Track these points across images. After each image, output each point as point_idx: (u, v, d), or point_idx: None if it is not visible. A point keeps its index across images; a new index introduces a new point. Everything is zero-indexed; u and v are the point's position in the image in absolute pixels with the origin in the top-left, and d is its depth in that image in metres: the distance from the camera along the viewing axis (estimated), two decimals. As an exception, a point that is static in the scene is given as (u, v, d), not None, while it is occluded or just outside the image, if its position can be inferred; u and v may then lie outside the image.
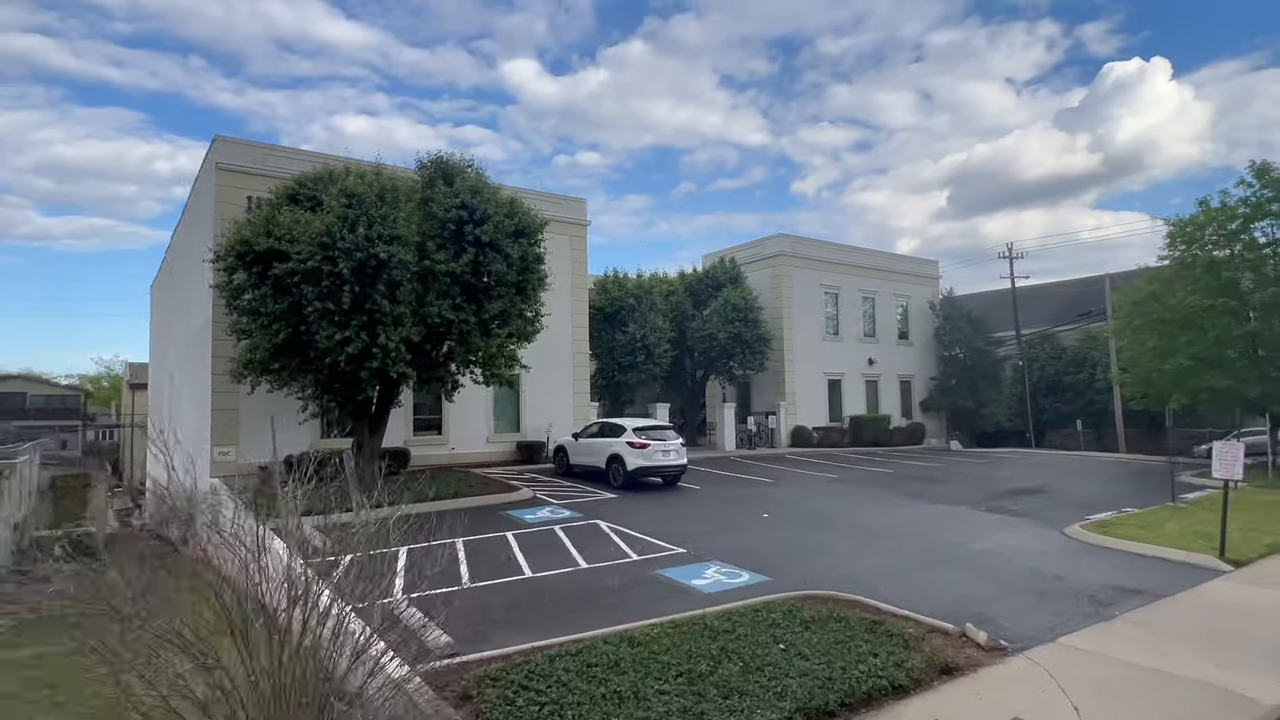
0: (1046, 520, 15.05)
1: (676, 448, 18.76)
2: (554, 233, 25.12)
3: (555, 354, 25.17)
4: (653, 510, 15.99)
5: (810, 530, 13.98)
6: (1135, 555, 12.09)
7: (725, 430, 30.16)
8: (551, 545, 12.47)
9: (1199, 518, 15.03)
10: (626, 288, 28.13)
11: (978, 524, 14.86)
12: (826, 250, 35.72)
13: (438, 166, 17.20)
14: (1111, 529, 13.66)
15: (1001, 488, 20.28)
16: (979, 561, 11.59)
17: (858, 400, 35.67)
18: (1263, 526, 14.15)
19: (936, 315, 39.23)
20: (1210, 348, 22.28)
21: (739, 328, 29.03)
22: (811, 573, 10.69)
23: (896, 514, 15.99)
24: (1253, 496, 17.98)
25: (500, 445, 23.85)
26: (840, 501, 17.67)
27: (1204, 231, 24.09)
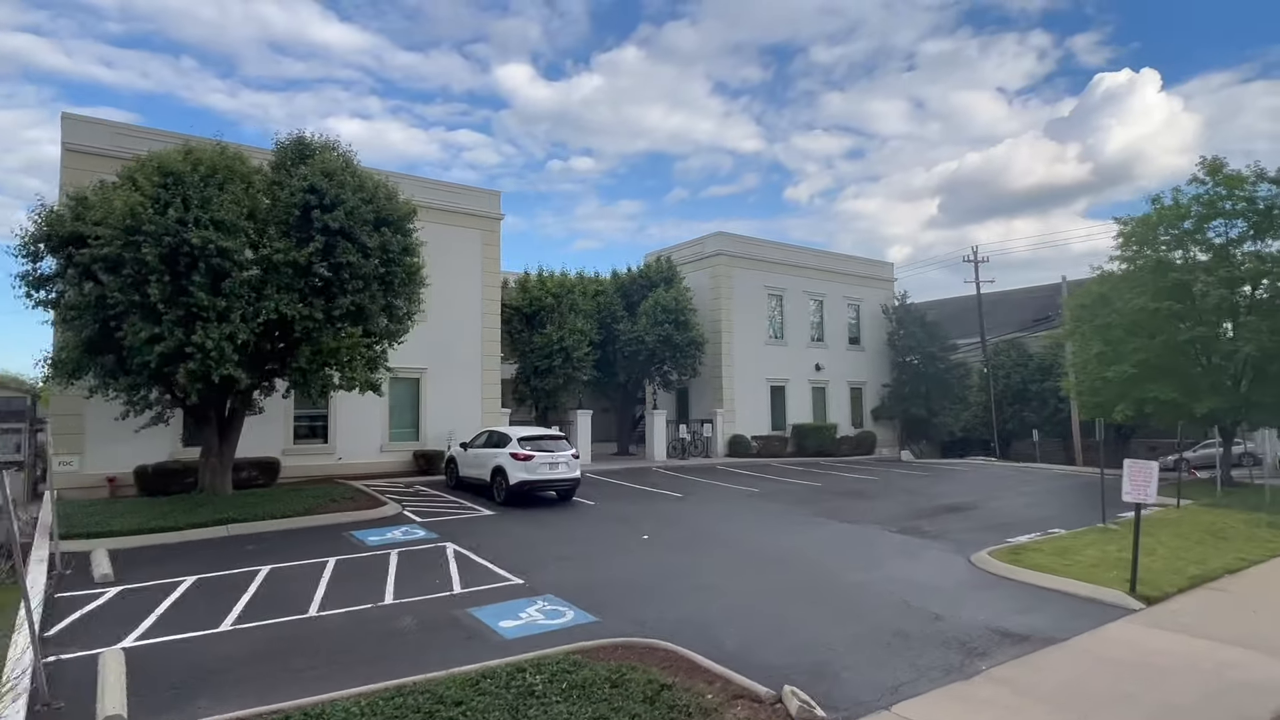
0: (958, 544, 13.67)
1: (567, 460, 17.21)
2: (463, 226, 23.67)
3: (462, 356, 23.59)
4: (523, 531, 14.45)
5: (685, 556, 12.48)
6: (1038, 589, 10.69)
7: (655, 439, 28.64)
8: (370, 575, 10.88)
9: (1128, 542, 13.65)
10: (547, 287, 26.56)
11: (880, 548, 13.44)
12: (770, 250, 34.33)
13: (296, 147, 15.58)
14: (1023, 556, 12.27)
15: (929, 504, 18.93)
16: (856, 596, 10.14)
17: (803, 408, 34.29)
18: (1193, 553, 12.84)
19: (890, 319, 37.97)
20: (1157, 354, 21.07)
21: (669, 330, 27.52)
22: (652, 611, 9.22)
23: (797, 536, 14.55)
24: (1196, 517, 16.72)
25: (396, 455, 22.19)
26: (743, 520, 16.21)
27: (1155, 231, 22.96)
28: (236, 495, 15.93)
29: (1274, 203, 21.40)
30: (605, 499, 18.56)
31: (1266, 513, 17.41)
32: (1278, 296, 21.02)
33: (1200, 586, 10.89)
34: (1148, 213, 23.25)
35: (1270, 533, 15.11)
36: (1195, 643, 8.37)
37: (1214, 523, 15.91)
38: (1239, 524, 15.93)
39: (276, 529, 13.99)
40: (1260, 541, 14.19)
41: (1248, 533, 15.03)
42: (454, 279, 23.61)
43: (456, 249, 23.69)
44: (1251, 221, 21.83)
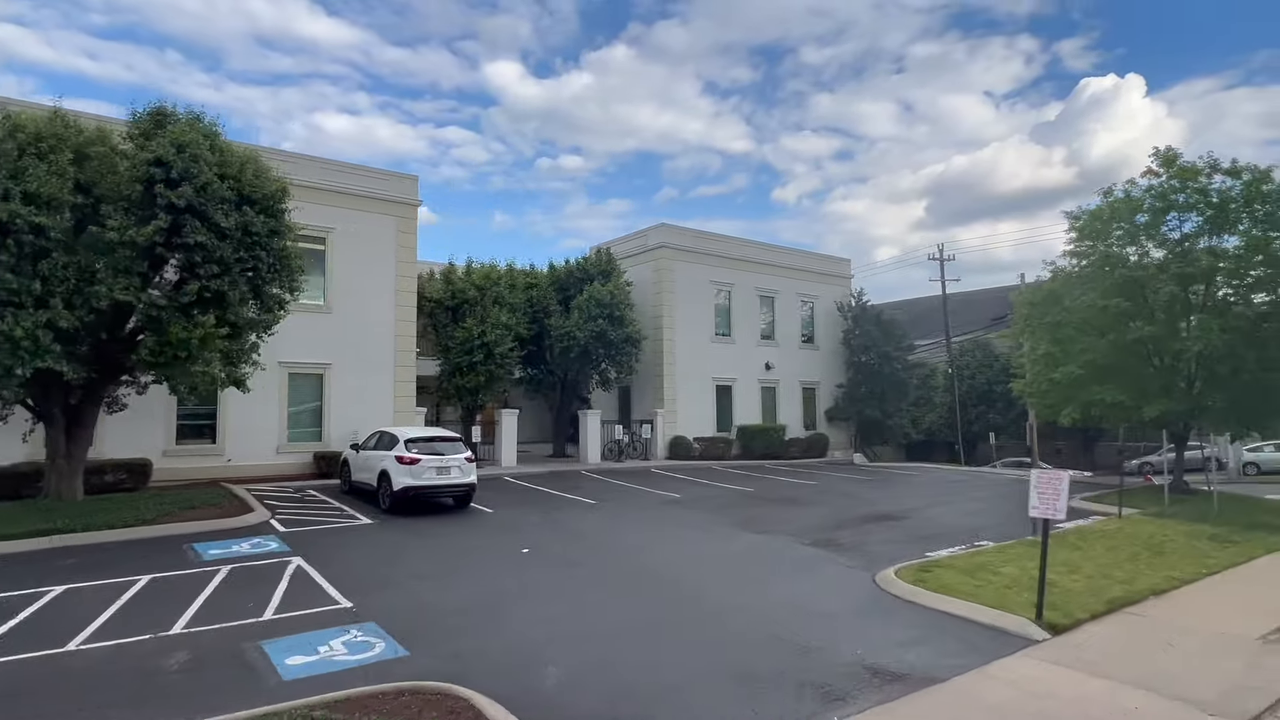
0: (870, 559, 12.58)
1: (460, 464, 15.95)
2: (376, 212, 22.37)
3: (372, 350, 22.25)
4: (394, 543, 13.20)
5: (557, 573, 11.29)
6: (937, 614, 9.60)
7: (588, 441, 27.42)
8: (177, 597, 9.57)
9: (1058, 558, 12.64)
10: (471, 279, 25.26)
11: (781, 565, 12.31)
12: (717, 243, 33.19)
13: (153, 118, 14.19)
14: (931, 575, 11.17)
15: (860, 513, 17.88)
16: (725, 625, 8.99)
17: (752, 409, 33.22)
18: (1122, 570, 11.82)
19: (845, 317, 36.99)
20: (1105, 354, 20.14)
21: (603, 326, 26.28)
22: (479, 642, 8.05)
23: (696, 549, 13.41)
24: (1136, 528, 15.73)
25: (295, 457, 20.79)
26: (647, 531, 15.05)
27: (1109, 226, 22.05)
28: (87, 501, 14.52)
29: (1228, 196, 20.56)
30: (509, 505, 17.33)
31: (1212, 523, 16.50)
32: (1230, 294, 20.17)
33: (1119, 611, 9.84)
34: (1099, 206, 22.39)
35: (1212, 546, 14.16)
36: (1093, 683, 7.28)
37: (1154, 535, 14.94)
38: (1181, 536, 14.98)
39: (111, 540, 12.61)
40: (1198, 557, 13.22)
41: (1188, 546, 14.08)
42: (364, 268, 22.28)
43: (368, 236, 22.34)
44: (1206, 216, 21.00)
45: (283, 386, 20.68)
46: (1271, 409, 18.95)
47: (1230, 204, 20.49)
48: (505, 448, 24.98)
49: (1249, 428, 19.85)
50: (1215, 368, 18.42)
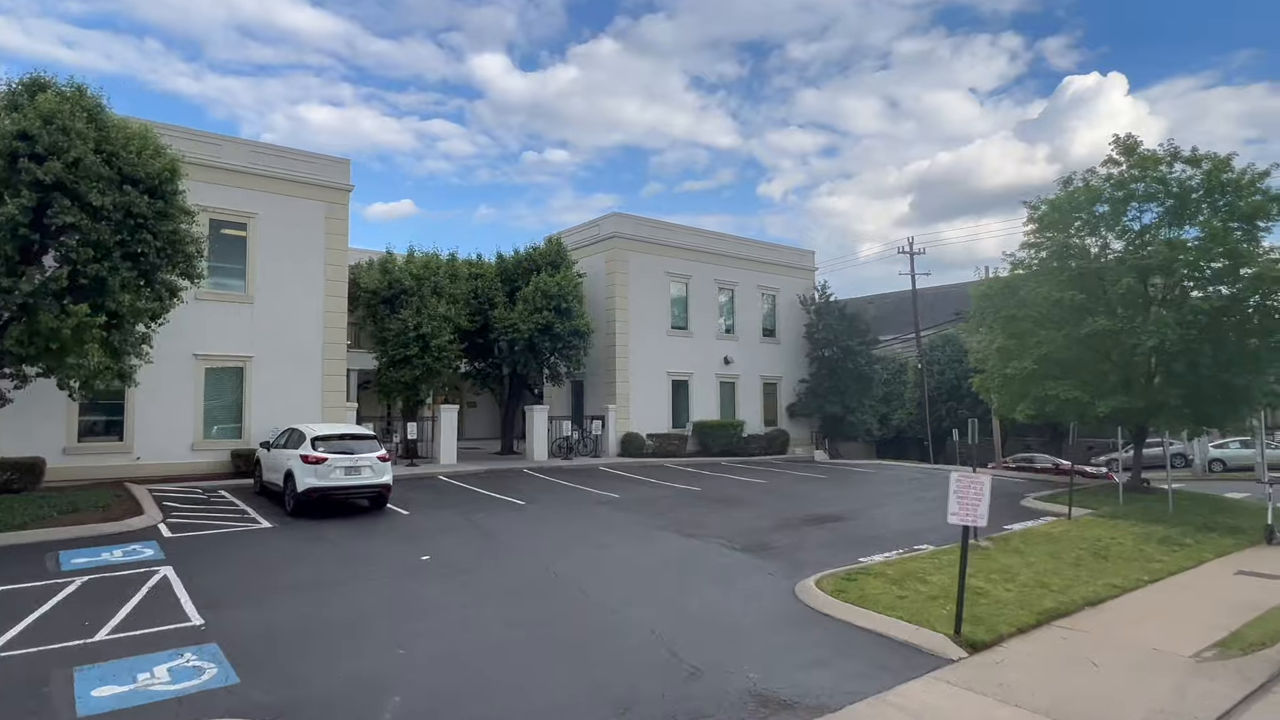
0: (798, 566, 11.88)
1: (372, 463, 15.07)
2: (302, 197, 21.37)
3: (298, 342, 21.26)
4: (284, 551, 12.34)
5: (448, 584, 10.46)
6: (853, 630, 8.89)
7: (535, 438, 26.57)
8: (9, 614, 8.63)
9: (995, 565, 12.06)
10: (408, 268, 24.29)
11: (701, 573, 11.56)
12: (673, 233, 32.39)
13: (29, 89, 13.14)
14: (855, 585, 10.46)
15: (801, 514, 17.20)
16: (625, 640, 8.23)
17: (709, 404, 32.51)
18: (1061, 578, 11.19)
19: (808, 311, 36.34)
20: (1059, 349, 19.58)
21: (549, 318, 25.39)
22: (326, 666, 7.23)
23: (618, 555, 12.65)
24: (1084, 531, 15.15)
25: (212, 455, 19.78)
26: (569, 535, 14.25)
27: (1068, 216, 21.48)
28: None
29: (1189, 186, 20.05)
30: (429, 507, 16.49)
31: (1166, 525, 15.98)
32: (1191, 286, 19.67)
33: (1049, 625, 9.18)
34: (1058, 196, 21.83)
35: (1160, 550, 13.60)
36: (1000, 713, 6.59)
37: (1101, 538, 14.37)
38: (1130, 539, 14.42)
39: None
40: (1144, 561, 12.65)
41: (1135, 550, 13.50)
42: (291, 256, 21.28)
43: (294, 222, 21.33)
44: (1166, 206, 20.50)
45: (198, 380, 19.66)
46: (1228, 406, 18.44)
47: (1191, 194, 20.00)
48: (444, 445, 24.09)
49: (1205, 425, 19.35)
50: (1171, 364, 17.88)
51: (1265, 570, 12.30)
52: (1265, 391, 18.11)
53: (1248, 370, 17.98)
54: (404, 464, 23.12)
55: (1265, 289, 17.99)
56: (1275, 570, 12.30)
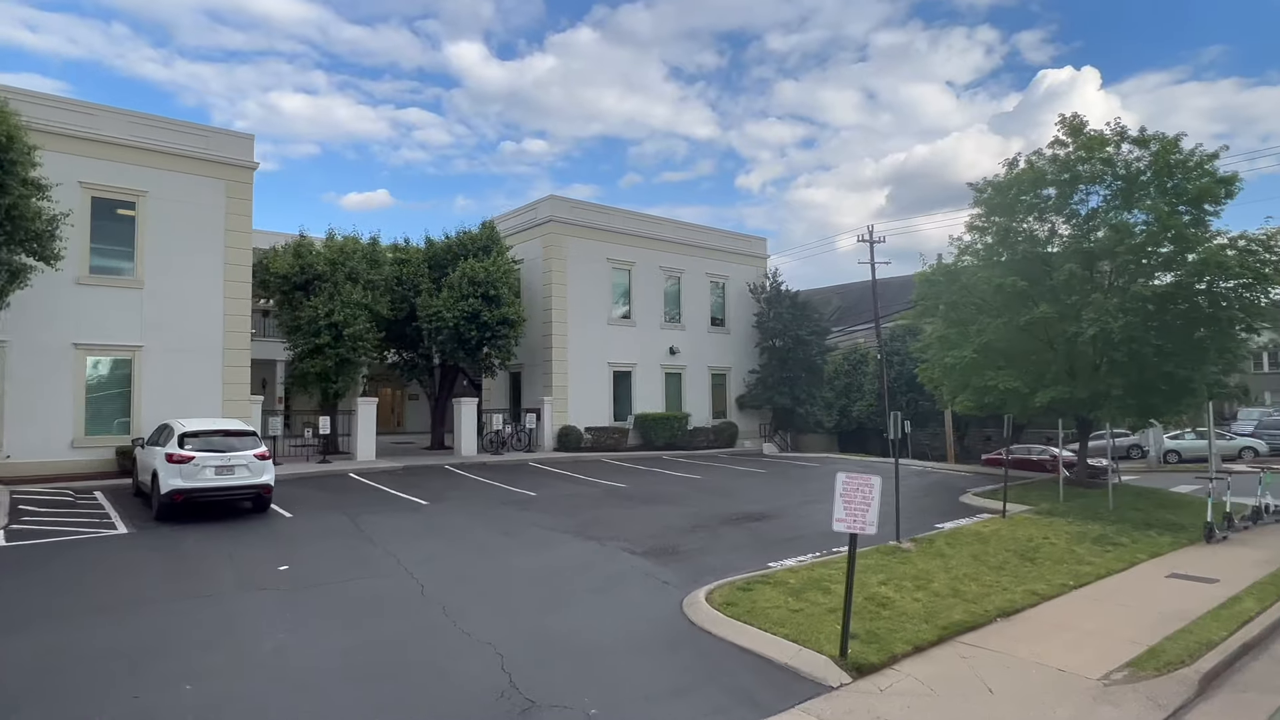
0: (700, 572, 10.96)
1: (248, 462, 13.89)
2: (199, 174, 20.02)
3: (196, 331, 19.95)
4: (122, 562, 11.21)
5: (283, 602, 9.37)
6: (731, 649, 7.96)
7: (462, 432, 25.44)
8: None
9: (912, 569, 11.20)
10: (323, 252, 23.01)
11: (589, 582, 10.58)
12: (615, 218, 31.33)
13: None
14: (749, 595, 9.53)
15: (725, 512, 16.30)
16: (463, 667, 7.22)
17: (654, 396, 31.56)
18: (976, 584, 10.35)
19: (758, 300, 35.49)
20: (999, 337, 18.84)
21: (476, 306, 24.22)
22: (80, 706, 6.11)
23: (500, 562, 11.64)
24: (1016, 530, 14.35)
25: (94, 453, 18.44)
26: (456, 540, 13.19)
27: (1015, 200, 20.71)
28: None
29: (1136, 166, 19.38)
30: (318, 509, 15.35)
31: (1104, 522, 15.27)
32: (1133, 273, 18.99)
33: (952, 641, 8.30)
34: (1003, 178, 21.07)
35: (1092, 551, 12.84)
36: (865, 759, 5.66)
37: (1033, 538, 13.59)
38: (1063, 538, 13.67)
39: None
40: (1073, 564, 11.87)
41: (1065, 551, 12.73)
42: (187, 238, 19.95)
43: (190, 202, 19.98)
44: (1114, 188, 19.83)
45: (79, 372, 18.30)
46: (1171, 397, 17.78)
47: (1140, 176, 19.33)
48: (361, 440, 22.91)
49: (1148, 417, 18.69)
50: (1112, 353, 17.18)
51: (1198, 573, 11.57)
52: (1209, 382, 17.47)
53: (1192, 360, 17.33)
54: (316, 460, 21.92)
55: (1211, 275, 17.33)
56: (1208, 573, 11.58)
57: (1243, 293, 17.82)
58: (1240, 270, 16.89)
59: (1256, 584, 10.87)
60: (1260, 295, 17.72)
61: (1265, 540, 14.47)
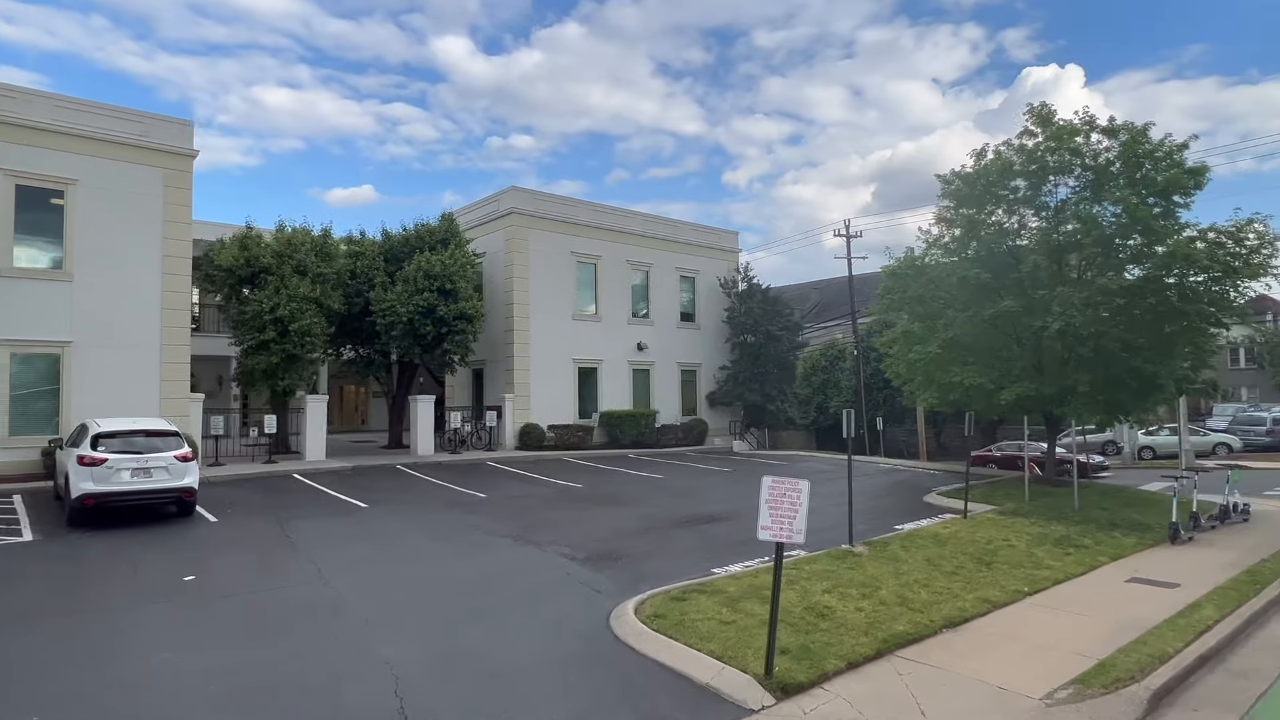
0: (639, 580, 10.42)
1: (168, 464, 13.20)
2: (134, 162, 19.23)
3: (130, 326, 19.19)
4: (13, 570, 10.48)
5: (187, 617, 8.75)
6: (653, 668, 7.43)
7: (418, 430, 24.77)
8: None
9: (861, 575, 10.69)
10: (270, 244, 22.25)
11: (518, 592, 10.01)
12: (580, 210, 30.71)
13: None
14: (681, 606, 9.00)
15: (679, 514, 15.77)
16: (358, 687, 6.64)
17: (621, 393, 30.99)
18: (926, 591, 9.87)
19: (729, 295, 34.98)
20: (966, 332, 18.41)
21: (431, 300, 23.52)
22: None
23: (430, 570, 11.07)
24: (976, 532, 13.89)
25: (18, 454, 17.65)
26: (389, 545, 12.58)
27: (985, 192, 20.27)
28: None
29: (1105, 157, 18.99)
30: (248, 513, 14.69)
31: (1066, 523, 14.86)
32: (1102, 267, 18.61)
33: (891, 655, 7.80)
34: (971, 169, 20.64)
35: (1052, 554, 12.41)
36: (772, 797, 5.12)
37: (993, 540, 13.15)
38: (1024, 541, 13.23)
39: None
40: (1031, 568, 11.42)
41: (1024, 555, 12.28)
42: (121, 229, 19.16)
43: (124, 191, 19.19)
44: (1083, 180, 19.45)
45: (2, 368, 17.50)
46: (1138, 393, 17.40)
47: (1110, 166, 18.95)
48: (310, 439, 22.21)
49: (1115, 414, 18.30)
50: (1078, 348, 16.76)
51: (1160, 577, 11.16)
52: (1178, 378, 17.08)
53: (1160, 356, 16.95)
54: (262, 461, 21.21)
55: (1179, 268, 16.97)
56: (1171, 576, 11.16)
57: (1212, 286, 17.49)
58: (1209, 263, 16.53)
59: (1218, 589, 10.47)
60: (1229, 288, 17.38)
61: (1232, 540, 14.12)
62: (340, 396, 37.40)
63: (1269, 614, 9.69)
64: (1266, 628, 9.21)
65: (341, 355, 26.94)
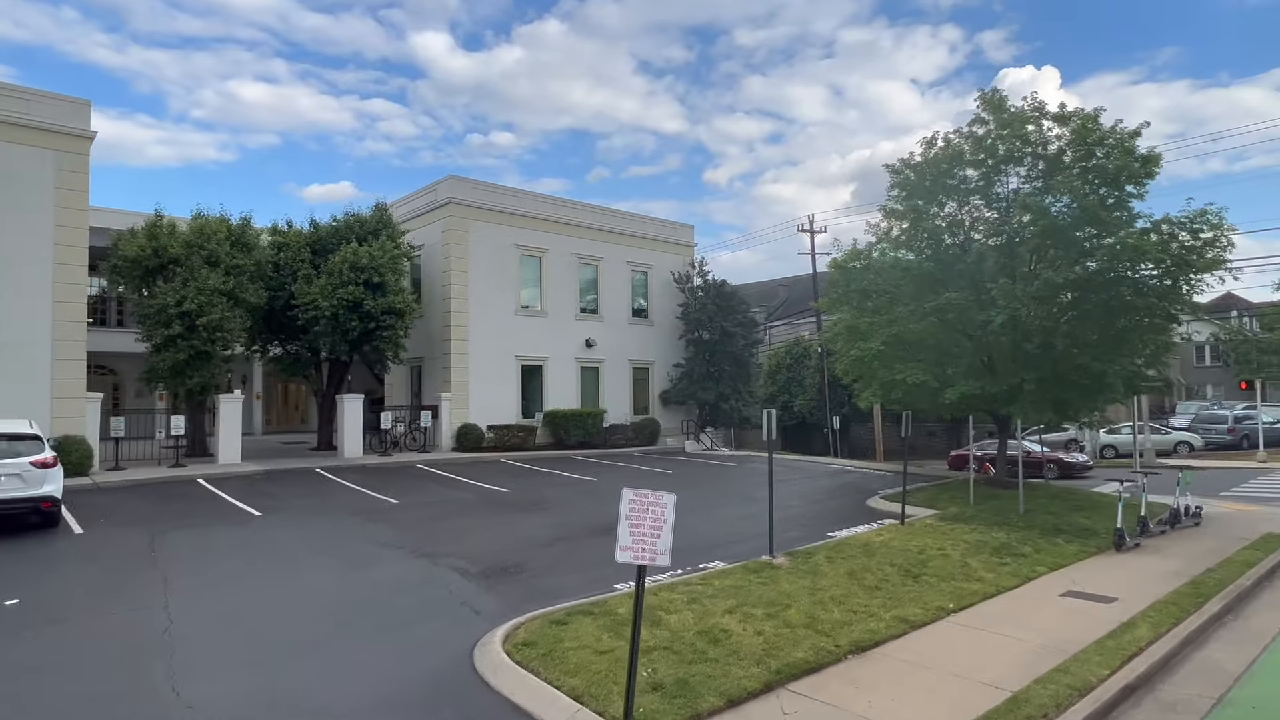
0: (530, 597, 9.50)
1: (21, 470, 12.04)
2: (22, 142, 17.99)
3: (15, 320, 17.88)
4: None
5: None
6: (504, 708, 6.50)
7: (345, 431, 23.62)
8: None
9: (773, 592, 9.81)
10: (180, 234, 20.98)
11: (390, 613, 9.03)
12: (524, 201, 29.64)
13: None
14: (556, 632, 8.06)
15: (598, 521, 14.79)
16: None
17: (568, 392, 29.99)
18: (839, 610, 9.00)
19: (682, 290, 34.09)
20: (910, 327, 17.65)
21: (358, 294, 22.36)
22: None
23: (305, 588, 10.08)
24: (910, 541, 13.06)
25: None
26: (266, 561, 11.56)
27: (937, 182, 19.50)
28: None
29: (1054, 145, 18.32)
30: (123, 523, 13.54)
31: (1009, 529, 14.11)
32: (1053, 260, 17.90)
33: (780, 689, 6.92)
34: (920, 158, 19.89)
35: (988, 564, 11.62)
36: None
37: (926, 549, 12.33)
38: (960, 549, 12.44)
39: None
40: (962, 581, 10.61)
41: (958, 565, 11.48)
42: (6, 217, 17.82)
43: (9, 174, 17.87)
44: (1034, 169, 18.76)
45: None
46: (1086, 393, 16.70)
47: (1063, 155, 18.28)
48: (225, 441, 21.01)
49: (1063, 415, 17.58)
50: (1024, 343, 16.02)
51: (1097, 590, 10.39)
52: (1128, 376, 16.38)
53: (1110, 353, 16.24)
54: (169, 465, 19.99)
55: (1129, 261, 16.29)
56: (1109, 589, 10.40)
57: (1164, 280, 16.86)
58: (1161, 255, 15.89)
59: (1158, 603, 9.71)
60: (1182, 282, 16.74)
61: (1180, 547, 13.45)
62: (280, 395, 36.08)
63: (1208, 633, 8.94)
64: (1204, 649, 8.45)
65: (268, 352, 25.72)
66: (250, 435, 32.85)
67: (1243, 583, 10.77)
